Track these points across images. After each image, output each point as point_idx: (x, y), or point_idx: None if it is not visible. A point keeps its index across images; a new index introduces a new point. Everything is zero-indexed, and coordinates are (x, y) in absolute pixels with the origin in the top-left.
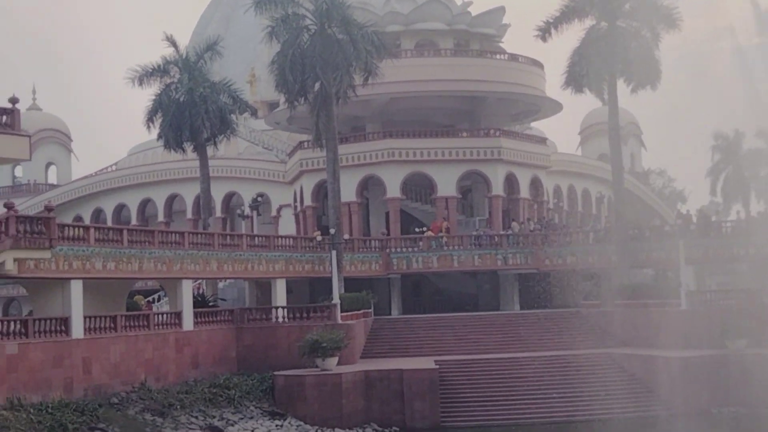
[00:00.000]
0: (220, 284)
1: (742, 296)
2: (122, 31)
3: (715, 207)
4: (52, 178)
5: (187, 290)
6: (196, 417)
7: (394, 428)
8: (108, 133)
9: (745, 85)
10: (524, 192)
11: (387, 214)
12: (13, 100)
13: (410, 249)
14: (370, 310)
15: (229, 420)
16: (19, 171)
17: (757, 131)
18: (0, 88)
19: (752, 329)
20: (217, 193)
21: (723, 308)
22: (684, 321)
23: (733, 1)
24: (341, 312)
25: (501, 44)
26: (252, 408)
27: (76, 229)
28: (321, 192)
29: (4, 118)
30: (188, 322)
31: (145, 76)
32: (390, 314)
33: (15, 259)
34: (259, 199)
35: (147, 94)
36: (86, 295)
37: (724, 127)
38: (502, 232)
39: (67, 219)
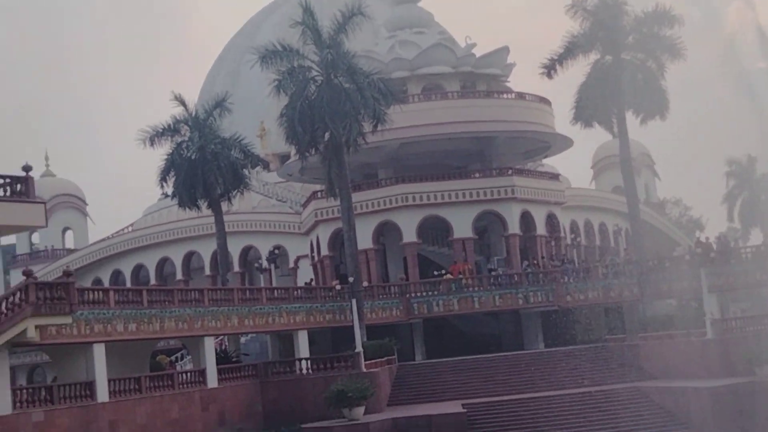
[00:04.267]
0: (242, 339)
1: (767, 322)
2: (132, 92)
3: (733, 233)
4: (69, 243)
5: (209, 347)
6: None
7: None
8: (122, 194)
9: (752, 109)
10: (540, 229)
11: (404, 259)
12: (27, 168)
13: (430, 293)
14: (393, 357)
15: None
16: (36, 238)
17: None
18: (13, 157)
19: None
20: (234, 248)
21: (749, 335)
22: (711, 350)
23: (736, 28)
24: (365, 360)
25: (507, 83)
26: None
27: (96, 293)
28: (337, 241)
29: (19, 186)
30: (212, 379)
31: (156, 136)
32: (414, 360)
33: (36, 326)
34: (276, 251)
35: (159, 154)
36: (109, 358)
37: (736, 153)
38: (521, 271)
39: (86, 283)
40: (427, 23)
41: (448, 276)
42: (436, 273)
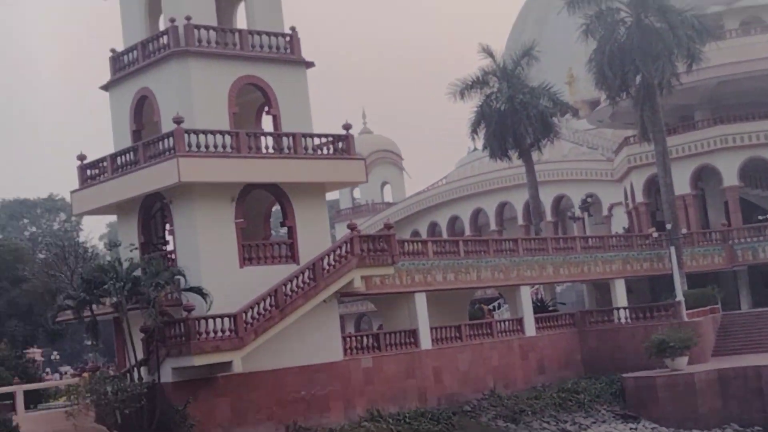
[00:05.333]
0: (558, 288)
1: None
2: (439, 46)
3: None
4: (388, 197)
5: (525, 296)
6: (548, 422)
7: (756, 428)
8: (435, 148)
9: None
10: None
11: (726, 204)
12: (347, 126)
13: (756, 239)
14: (717, 306)
15: (581, 424)
16: (357, 192)
17: None
18: (333, 116)
19: None
20: (546, 197)
21: None
22: None
23: None
24: (686, 309)
25: None
26: (603, 411)
27: (415, 244)
28: (652, 187)
29: (340, 144)
30: (530, 328)
31: (465, 89)
32: (739, 308)
33: (362, 277)
34: (589, 199)
35: (468, 107)
36: (430, 307)
37: None
38: None
39: (405, 235)
40: None
41: None
42: (761, 218)
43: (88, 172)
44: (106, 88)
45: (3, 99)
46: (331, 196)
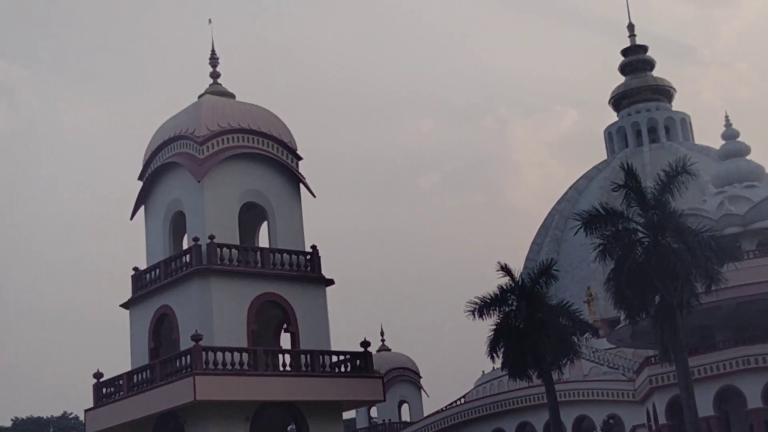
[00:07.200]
0: None
1: None
2: (458, 264)
3: None
4: (405, 416)
5: None
6: None
7: None
8: (452, 366)
9: None
10: None
11: (751, 427)
12: (365, 344)
13: None
14: None
15: None
16: (374, 411)
17: None
18: (351, 332)
19: None
20: (567, 418)
21: None
22: None
23: None
24: None
25: None
26: None
27: None
28: (675, 408)
29: (358, 361)
30: None
31: (483, 306)
32: None
33: None
34: (611, 421)
35: (487, 324)
36: None
37: None
38: None
39: None
40: (757, 176)
41: None
42: None
43: (104, 390)
44: (126, 305)
45: (17, 317)
46: (348, 414)
